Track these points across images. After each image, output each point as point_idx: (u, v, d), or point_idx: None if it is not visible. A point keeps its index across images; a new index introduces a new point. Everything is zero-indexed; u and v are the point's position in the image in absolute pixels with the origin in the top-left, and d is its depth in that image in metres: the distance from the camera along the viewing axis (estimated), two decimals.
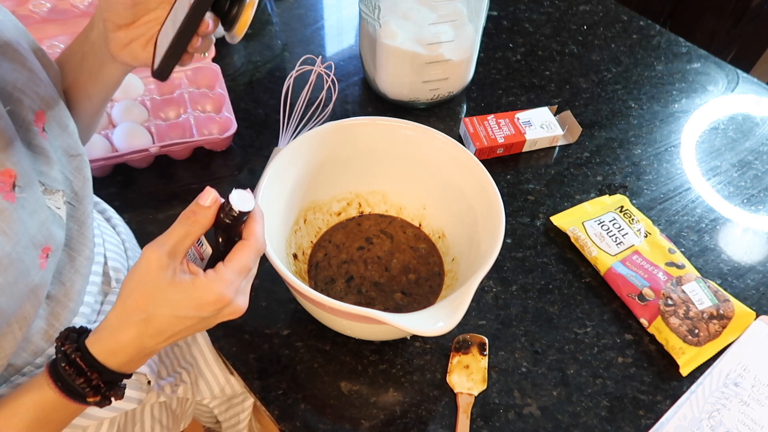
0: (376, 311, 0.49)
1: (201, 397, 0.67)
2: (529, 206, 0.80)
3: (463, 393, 0.62)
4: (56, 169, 0.50)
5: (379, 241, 0.72)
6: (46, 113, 0.50)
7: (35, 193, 0.46)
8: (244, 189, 0.44)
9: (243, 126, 0.83)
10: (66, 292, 0.52)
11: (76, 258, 0.53)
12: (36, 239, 0.45)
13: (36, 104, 0.49)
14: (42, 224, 0.46)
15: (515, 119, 0.86)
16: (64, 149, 0.52)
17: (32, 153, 0.48)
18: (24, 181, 0.44)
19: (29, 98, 0.48)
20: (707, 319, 0.66)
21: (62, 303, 0.51)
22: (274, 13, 1.06)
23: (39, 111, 0.49)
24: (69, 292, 0.52)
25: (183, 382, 0.64)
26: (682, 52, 1.03)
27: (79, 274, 0.53)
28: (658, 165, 0.86)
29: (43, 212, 0.47)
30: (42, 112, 0.49)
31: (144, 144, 0.78)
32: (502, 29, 1.05)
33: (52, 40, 0.85)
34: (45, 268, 0.47)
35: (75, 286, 0.53)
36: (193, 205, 0.44)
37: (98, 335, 0.44)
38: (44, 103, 0.50)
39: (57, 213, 0.49)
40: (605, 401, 0.63)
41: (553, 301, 0.70)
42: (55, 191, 0.50)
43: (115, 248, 0.62)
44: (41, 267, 0.46)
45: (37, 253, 0.45)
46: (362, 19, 0.85)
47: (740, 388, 0.64)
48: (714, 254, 0.76)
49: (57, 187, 0.50)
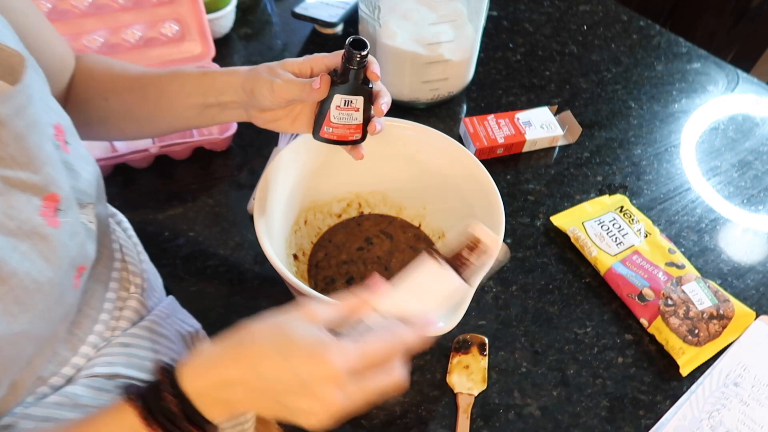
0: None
1: None
2: (529, 206, 0.80)
3: (463, 393, 0.62)
4: (83, 181, 0.48)
5: (378, 241, 0.72)
6: (62, 124, 0.47)
7: (75, 213, 0.44)
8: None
9: (243, 126, 0.83)
10: (87, 300, 0.50)
11: (96, 266, 0.52)
12: (75, 261, 0.44)
13: (53, 117, 0.46)
14: (81, 245, 0.45)
15: (515, 119, 0.86)
16: (83, 158, 0.50)
17: (66, 169, 0.45)
18: (66, 203, 0.42)
19: (46, 113, 0.45)
20: (707, 319, 0.66)
21: (84, 311, 0.50)
22: (274, 13, 1.06)
23: (56, 124, 0.46)
24: (90, 301, 0.50)
25: None
26: (682, 52, 1.03)
27: (99, 281, 0.52)
28: (658, 165, 0.86)
29: (81, 232, 0.45)
30: (59, 125, 0.46)
31: (144, 144, 0.78)
32: (502, 29, 1.05)
33: None
34: (78, 286, 0.45)
35: (95, 294, 0.51)
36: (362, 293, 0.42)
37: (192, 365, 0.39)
38: (57, 114, 0.47)
39: (91, 228, 0.48)
40: (605, 401, 0.63)
41: (553, 301, 0.70)
42: (86, 205, 0.48)
43: (131, 252, 0.60)
44: (75, 286, 0.45)
45: (74, 273, 0.44)
46: (362, 19, 0.85)
47: (740, 388, 0.64)
48: (714, 254, 0.76)
49: (87, 200, 0.48)
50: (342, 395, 0.37)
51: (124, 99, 0.59)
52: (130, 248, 0.61)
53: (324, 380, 0.37)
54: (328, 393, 0.37)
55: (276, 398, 0.38)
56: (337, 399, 0.37)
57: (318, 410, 0.38)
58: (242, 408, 0.40)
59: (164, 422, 0.38)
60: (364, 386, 0.38)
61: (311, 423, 0.38)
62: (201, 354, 0.40)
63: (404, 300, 0.42)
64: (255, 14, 1.04)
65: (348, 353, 0.37)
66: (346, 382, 0.37)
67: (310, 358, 0.37)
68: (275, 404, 0.38)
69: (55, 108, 0.47)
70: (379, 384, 0.39)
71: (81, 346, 0.50)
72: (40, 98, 0.43)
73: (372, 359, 0.39)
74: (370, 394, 0.38)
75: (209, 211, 0.76)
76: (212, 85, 0.56)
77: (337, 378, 0.37)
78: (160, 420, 0.38)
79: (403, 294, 0.42)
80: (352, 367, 0.37)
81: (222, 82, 0.56)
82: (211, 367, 0.39)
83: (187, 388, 0.39)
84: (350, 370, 0.37)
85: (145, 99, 0.58)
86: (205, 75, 0.57)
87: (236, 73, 0.55)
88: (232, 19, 0.98)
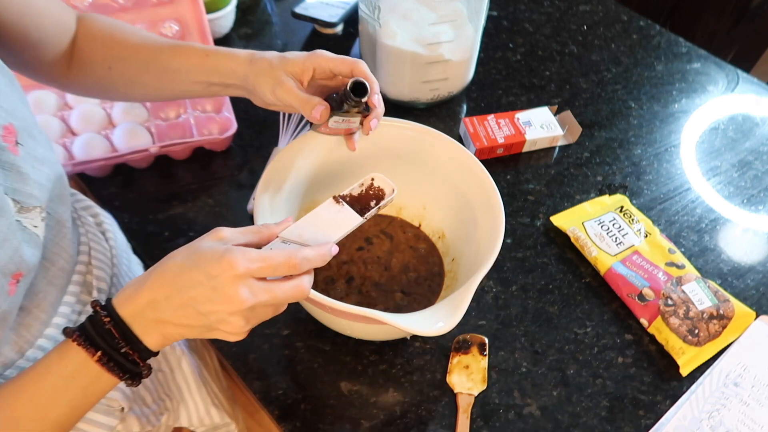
0: (376, 311, 0.49)
1: (180, 424, 0.66)
2: (529, 206, 0.80)
3: (463, 393, 0.62)
4: (31, 183, 0.46)
5: (378, 241, 0.72)
6: (14, 125, 0.46)
7: (5, 219, 0.43)
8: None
9: (243, 126, 0.83)
10: (38, 303, 0.49)
11: (50, 269, 0.51)
12: (6, 268, 0.43)
13: (1, 118, 0.44)
14: (14, 252, 0.43)
15: (515, 119, 0.86)
16: (38, 160, 0.48)
17: (3, 171, 0.44)
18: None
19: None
20: (707, 319, 0.66)
21: (34, 314, 0.49)
22: (274, 13, 1.06)
23: (7, 125, 0.45)
24: (41, 303, 0.50)
25: (167, 409, 0.63)
26: (682, 52, 1.03)
27: (53, 285, 0.51)
28: (658, 165, 0.86)
29: (15, 238, 0.43)
30: (10, 126, 0.45)
31: (144, 144, 0.78)
32: (502, 29, 1.05)
33: None
34: (14, 293, 0.44)
35: (48, 297, 0.50)
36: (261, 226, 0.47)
37: (123, 293, 0.43)
38: (9, 115, 0.45)
39: (33, 232, 0.47)
40: (605, 401, 0.63)
41: (553, 301, 0.70)
42: (31, 208, 0.47)
43: (102, 256, 0.59)
44: (9, 293, 0.44)
45: (7, 280, 0.43)
46: (362, 19, 0.85)
47: (740, 388, 0.64)
48: (714, 254, 0.76)
49: (33, 203, 0.47)
50: (248, 291, 0.41)
51: (127, 69, 0.59)
52: (101, 252, 0.60)
53: (231, 278, 0.41)
54: (236, 289, 0.41)
55: (196, 308, 0.41)
56: (243, 294, 0.41)
57: (231, 312, 0.41)
58: (172, 329, 0.43)
59: (105, 348, 0.42)
60: (267, 287, 0.42)
61: (228, 331, 0.43)
62: (129, 284, 0.44)
63: (306, 229, 0.49)
64: (255, 14, 1.04)
65: (251, 255, 0.42)
66: (251, 281, 0.41)
67: (218, 261, 0.41)
68: (197, 316, 0.42)
69: (8, 108, 0.46)
70: (283, 287, 0.43)
71: (29, 349, 0.49)
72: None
73: (274, 264, 0.43)
74: (274, 294, 0.43)
75: (209, 211, 0.76)
76: (216, 69, 0.57)
77: (242, 275, 0.41)
78: (102, 346, 0.42)
79: (306, 224, 0.49)
80: (256, 268, 0.42)
81: (226, 68, 0.57)
82: (138, 290, 0.42)
83: (122, 313, 0.42)
84: (254, 272, 0.42)
85: (148, 72, 0.59)
86: (207, 56, 0.57)
87: (239, 61, 0.56)
88: (232, 19, 0.98)
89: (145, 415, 0.59)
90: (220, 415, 0.69)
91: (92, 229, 0.61)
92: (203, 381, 0.68)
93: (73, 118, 0.81)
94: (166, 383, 0.65)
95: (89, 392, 0.43)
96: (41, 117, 0.80)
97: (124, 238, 0.68)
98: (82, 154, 0.76)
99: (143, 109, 0.83)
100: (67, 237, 0.53)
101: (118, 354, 0.42)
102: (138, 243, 0.71)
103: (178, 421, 0.66)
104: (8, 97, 0.46)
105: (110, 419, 0.54)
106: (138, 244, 0.71)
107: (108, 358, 0.42)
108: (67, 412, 0.43)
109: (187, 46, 0.58)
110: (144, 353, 0.43)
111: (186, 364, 0.66)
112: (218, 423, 0.70)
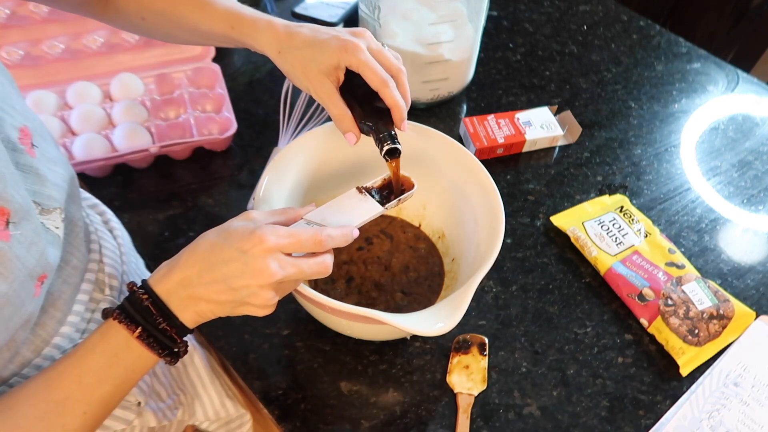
0: (376, 311, 0.49)
1: (196, 419, 0.66)
2: (529, 206, 0.80)
3: (463, 393, 0.62)
4: (49, 185, 0.47)
5: (378, 241, 0.72)
6: (29, 127, 0.46)
7: (31, 222, 0.43)
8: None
9: (243, 126, 0.83)
10: (54, 302, 0.50)
11: (65, 268, 0.51)
12: (34, 271, 0.43)
13: (17, 120, 0.45)
14: (41, 254, 0.43)
15: (515, 119, 0.86)
16: (51, 161, 0.49)
17: (23, 174, 0.44)
18: (18, 215, 0.41)
19: (9, 115, 0.44)
20: (707, 319, 0.66)
21: (50, 313, 0.49)
22: (274, 13, 1.06)
23: (22, 127, 0.45)
24: (56, 302, 0.50)
25: (181, 404, 0.63)
26: (682, 52, 1.03)
27: (68, 283, 0.51)
28: (658, 165, 0.86)
29: (40, 241, 0.44)
30: (25, 128, 0.45)
31: (144, 144, 0.78)
32: (502, 29, 1.05)
33: (53, 40, 0.85)
34: (39, 295, 0.45)
35: (63, 295, 0.51)
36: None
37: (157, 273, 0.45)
38: (23, 116, 0.46)
39: (56, 233, 0.47)
40: (605, 401, 0.63)
41: (553, 301, 0.70)
42: (51, 210, 0.47)
43: (112, 254, 0.60)
44: (35, 295, 0.44)
45: (33, 283, 0.43)
46: (362, 19, 0.85)
47: (740, 388, 0.64)
48: (714, 254, 0.76)
49: (53, 205, 0.47)
50: (277, 265, 0.43)
51: (161, 24, 0.60)
52: (111, 249, 0.60)
53: (261, 252, 0.43)
54: (266, 262, 0.43)
55: (228, 283, 0.43)
56: (273, 267, 0.43)
57: (261, 285, 0.43)
58: (204, 305, 0.44)
59: (144, 324, 0.44)
60: (295, 261, 0.45)
61: (258, 304, 0.45)
62: (162, 265, 0.46)
63: (329, 213, 0.52)
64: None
65: (280, 231, 0.44)
66: (280, 256, 0.44)
67: (249, 237, 0.43)
68: (228, 291, 0.44)
69: (21, 110, 0.46)
70: (309, 263, 0.46)
71: (45, 348, 0.49)
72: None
73: (301, 240, 0.45)
74: (301, 269, 0.45)
75: (209, 211, 0.76)
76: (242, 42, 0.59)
77: (272, 249, 0.43)
78: (141, 323, 0.44)
79: (328, 209, 0.52)
80: (285, 243, 0.44)
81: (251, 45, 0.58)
82: (172, 269, 0.45)
83: (158, 290, 0.44)
84: (283, 246, 0.44)
85: (180, 28, 0.60)
86: (233, 29, 0.58)
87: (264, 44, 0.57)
88: None
89: (161, 409, 0.60)
90: (235, 407, 0.69)
91: (100, 226, 0.62)
92: (216, 374, 0.68)
93: (73, 118, 0.81)
94: (179, 378, 0.66)
95: (131, 370, 0.45)
96: (41, 117, 0.80)
97: (128, 235, 0.68)
98: (82, 154, 0.76)
99: (143, 109, 0.83)
100: (79, 236, 0.54)
101: (156, 330, 0.44)
102: (138, 243, 0.71)
103: (194, 416, 0.66)
104: (19, 99, 0.47)
105: (127, 413, 0.55)
106: (138, 244, 0.71)
107: (147, 334, 0.44)
108: (111, 390, 0.45)
109: (214, 13, 0.58)
110: (180, 330, 0.45)
111: (198, 358, 0.66)
112: (233, 415, 0.69)
